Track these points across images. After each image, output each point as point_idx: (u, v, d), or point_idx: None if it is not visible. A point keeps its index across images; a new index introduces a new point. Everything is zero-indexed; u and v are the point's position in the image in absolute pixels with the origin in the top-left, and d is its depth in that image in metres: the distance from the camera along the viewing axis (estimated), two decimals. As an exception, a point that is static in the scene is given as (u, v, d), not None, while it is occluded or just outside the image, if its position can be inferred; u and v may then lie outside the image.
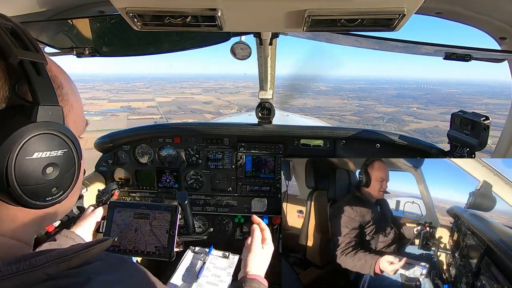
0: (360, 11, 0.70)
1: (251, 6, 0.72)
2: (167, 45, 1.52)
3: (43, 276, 0.43)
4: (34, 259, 0.43)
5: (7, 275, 0.40)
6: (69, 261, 0.46)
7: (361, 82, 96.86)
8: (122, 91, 74.83)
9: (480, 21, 1.16)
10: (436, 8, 1.12)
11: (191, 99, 70.38)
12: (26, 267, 0.42)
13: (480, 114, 1.52)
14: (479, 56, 1.33)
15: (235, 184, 2.23)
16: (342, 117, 50.98)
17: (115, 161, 2.26)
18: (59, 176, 0.52)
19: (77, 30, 1.37)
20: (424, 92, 70.26)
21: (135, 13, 0.72)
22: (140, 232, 1.33)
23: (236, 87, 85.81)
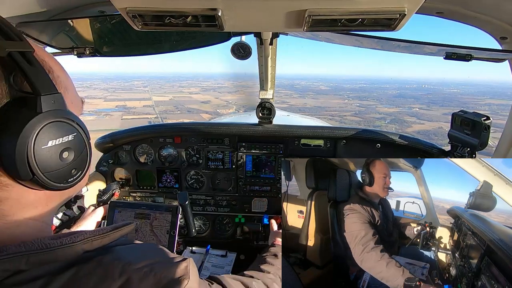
0: (360, 11, 0.69)
1: (252, 6, 0.72)
2: (168, 45, 1.52)
3: (80, 250, 0.51)
4: (74, 235, 0.51)
5: (53, 247, 0.48)
6: (102, 239, 0.55)
7: (361, 81, 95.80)
8: (120, 90, 73.90)
9: (481, 21, 1.16)
10: (437, 8, 1.12)
11: (189, 98, 69.58)
12: (68, 241, 0.49)
13: (481, 114, 1.52)
14: (479, 56, 1.32)
15: (236, 184, 2.23)
16: (343, 118, 49.78)
17: (116, 161, 2.26)
18: (75, 158, 0.56)
19: (78, 30, 1.37)
20: (425, 92, 69.21)
21: (135, 13, 0.72)
22: (140, 232, 1.33)
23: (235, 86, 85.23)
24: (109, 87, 77.34)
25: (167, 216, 1.35)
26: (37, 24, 1.22)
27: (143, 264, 0.54)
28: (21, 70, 0.48)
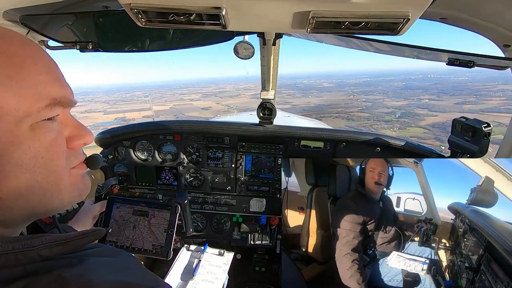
0: (364, 14, 0.69)
1: (256, 6, 0.72)
2: (171, 42, 1.52)
3: (37, 257, 0.44)
4: (29, 241, 0.45)
5: (3, 251, 0.42)
6: (63, 246, 0.47)
7: (364, 75, 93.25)
8: (120, 101, 72.93)
9: (485, 28, 1.15)
10: (441, 13, 1.11)
11: (190, 105, 68.71)
12: (22, 246, 0.43)
13: (481, 121, 1.52)
14: (482, 63, 1.32)
15: (234, 183, 2.23)
16: (350, 114, 46.90)
17: (115, 156, 2.26)
18: None
19: (81, 25, 1.37)
20: (432, 82, 65.81)
21: (139, 9, 0.71)
22: (138, 229, 1.33)
23: (237, 90, 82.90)
24: (110, 99, 76.62)
25: (165, 214, 1.35)
26: (40, 18, 1.21)
27: (108, 285, 0.46)
28: None
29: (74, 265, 0.47)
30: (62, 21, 1.32)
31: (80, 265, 0.48)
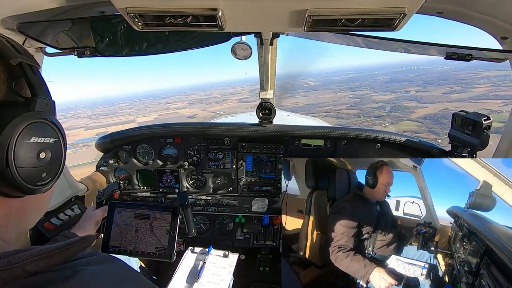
0: (361, 11, 0.69)
1: (252, 6, 0.72)
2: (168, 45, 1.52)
3: (22, 273, 0.42)
4: (12, 257, 0.42)
5: None
6: (50, 258, 0.45)
7: (350, 72, 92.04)
8: (103, 115, 70.45)
9: (482, 21, 1.15)
10: (437, 7, 1.11)
11: (175, 114, 66.55)
12: (3, 264, 0.41)
13: (481, 114, 1.52)
14: (480, 56, 1.32)
15: (236, 184, 2.23)
16: (338, 112, 46.27)
17: (116, 161, 2.26)
18: (50, 162, 0.58)
19: (78, 31, 1.37)
20: (417, 73, 64.66)
21: (136, 13, 0.72)
22: (140, 233, 1.33)
23: (223, 95, 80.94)
24: (93, 113, 74.37)
25: (167, 216, 1.35)
26: (37, 25, 1.22)
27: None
28: (25, 77, 0.54)
29: (69, 278, 0.44)
30: (59, 28, 1.33)
31: (76, 277, 0.45)
